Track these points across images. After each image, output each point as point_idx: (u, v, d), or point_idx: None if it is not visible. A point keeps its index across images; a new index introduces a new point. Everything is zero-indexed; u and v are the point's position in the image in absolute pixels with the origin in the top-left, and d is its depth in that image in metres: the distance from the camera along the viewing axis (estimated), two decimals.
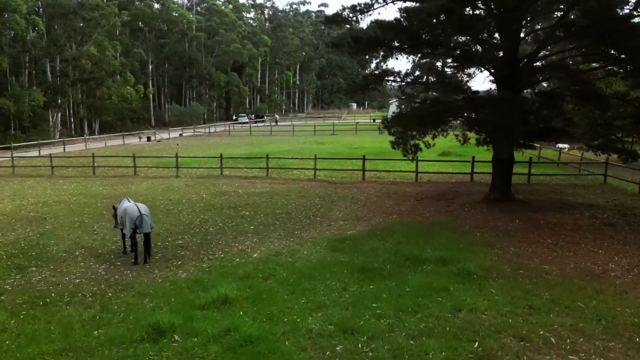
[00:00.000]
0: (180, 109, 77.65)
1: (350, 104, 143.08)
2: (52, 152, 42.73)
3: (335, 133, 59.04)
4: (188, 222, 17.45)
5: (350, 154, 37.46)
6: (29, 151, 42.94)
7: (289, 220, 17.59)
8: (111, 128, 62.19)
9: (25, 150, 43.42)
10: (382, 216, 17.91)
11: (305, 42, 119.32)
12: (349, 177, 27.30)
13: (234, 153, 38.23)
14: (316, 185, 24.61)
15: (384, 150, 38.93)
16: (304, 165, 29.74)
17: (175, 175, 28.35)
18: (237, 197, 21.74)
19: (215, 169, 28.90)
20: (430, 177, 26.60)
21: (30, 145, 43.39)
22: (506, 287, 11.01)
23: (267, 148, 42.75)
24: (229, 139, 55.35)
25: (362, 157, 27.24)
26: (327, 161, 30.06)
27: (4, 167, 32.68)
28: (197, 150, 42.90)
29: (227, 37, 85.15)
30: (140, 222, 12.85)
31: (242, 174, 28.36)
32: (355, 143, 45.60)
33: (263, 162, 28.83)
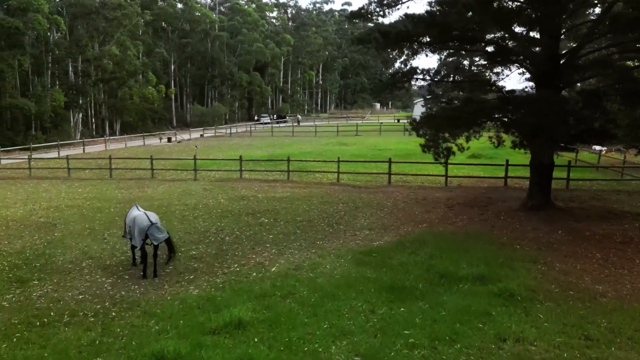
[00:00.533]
0: (202, 109, 77.15)
1: (374, 103, 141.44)
2: (71, 153, 42.39)
3: (358, 134, 57.76)
4: (203, 229, 16.42)
5: (374, 156, 36.16)
6: (48, 152, 42.64)
7: (311, 228, 16.44)
8: (132, 128, 61.88)
9: (45, 151, 43.11)
10: (411, 225, 16.64)
11: (328, 42, 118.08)
12: (374, 181, 26.04)
13: (254, 155, 37.23)
14: (339, 190, 23.42)
15: (410, 152, 37.60)
16: (326, 168, 28.58)
17: (193, 178, 27.44)
18: (256, 202, 20.67)
19: (235, 171, 27.92)
20: (461, 182, 25.19)
21: (49, 146, 43.07)
22: (556, 311, 9.71)
23: (289, 149, 41.70)
24: (250, 140, 54.49)
25: (387, 160, 25.92)
26: (350, 164, 28.86)
27: (22, 168, 32.21)
28: (217, 151, 42.06)
29: (249, 36, 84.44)
30: (155, 231, 11.85)
31: (262, 177, 27.32)
32: (379, 144, 44.27)
33: (284, 165, 27.73)
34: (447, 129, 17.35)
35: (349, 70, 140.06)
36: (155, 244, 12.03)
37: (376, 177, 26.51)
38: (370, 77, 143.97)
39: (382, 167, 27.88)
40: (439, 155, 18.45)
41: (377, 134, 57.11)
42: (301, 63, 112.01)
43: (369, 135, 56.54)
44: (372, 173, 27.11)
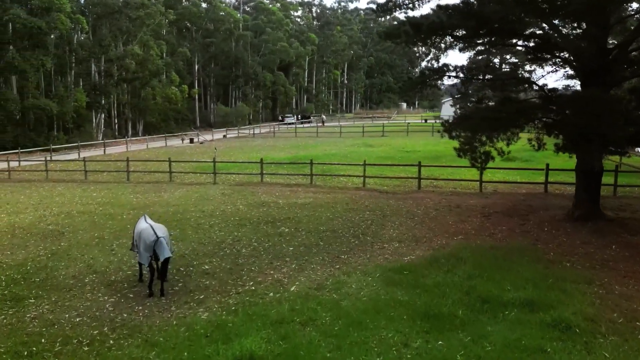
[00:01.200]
0: (226, 110, 76.43)
1: (400, 103, 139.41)
2: (92, 155, 41.92)
3: (385, 134, 56.19)
4: (219, 240, 15.22)
5: (402, 158, 34.65)
6: (69, 153, 42.16)
7: (335, 239, 15.11)
8: (155, 129, 61.36)
9: (66, 152, 42.68)
10: (445, 237, 15.18)
11: (353, 40, 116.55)
12: (403, 185, 24.57)
13: (276, 157, 36.10)
14: (365, 196, 22.03)
15: (439, 155, 36.00)
16: (351, 172, 27.21)
17: (212, 181, 26.37)
18: (276, 209, 19.43)
19: (255, 175, 26.72)
20: (496, 187, 23.55)
21: (70, 147, 42.54)
22: (623, 348, 8.24)
23: (312, 151, 40.45)
24: (273, 141, 53.41)
25: (417, 163, 24.40)
26: (377, 167, 27.39)
27: (39, 171, 31.57)
28: (239, 153, 41.02)
29: (273, 35, 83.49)
30: (158, 247, 10.67)
31: (284, 181, 26.05)
32: (407, 146, 42.70)
33: (307, 168, 26.46)
34: (485, 131, 15.80)
35: (375, 70, 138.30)
36: (160, 259, 10.87)
37: (405, 182, 25.04)
38: (396, 76, 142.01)
39: (411, 171, 26.43)
40: (476, 161, 16.92)
41: (404, 135, 55.46)
42: (326, 62, 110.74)
43: (396, 136, 54.93)
44: (401, 177, 25.65)
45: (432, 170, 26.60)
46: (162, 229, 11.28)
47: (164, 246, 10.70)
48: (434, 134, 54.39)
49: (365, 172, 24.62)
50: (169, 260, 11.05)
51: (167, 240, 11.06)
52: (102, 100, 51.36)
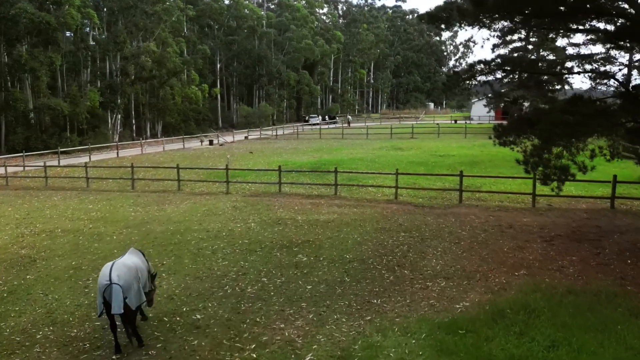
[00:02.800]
0: (248, 110, 73.81)
1: (427, 103, 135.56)
2: (104, 158, 39.63)
3: (414, 136, 52.80)
4: (220, 273, 12.34)
5: (435, 163, 31.39)
6: (80, 156, 39.91)
7: (364, 273, 12.10)
8: (175, 130, 59.09)
9: (78, 155, 40.45)
10: (503, 271, 12.03)
11: (380, 39, 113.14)
12: (441, 198, 21.36)
13: (298, 161, 33.17)
14: (398, 211, 18.92)
15: (476, 160, 32.62)
16: (381, 181, 24.13)
17: (225, 191, 23.54)
18: (294, 228, 16.47)
19: (273, 184, 23.79)
20: (550, 201, 20.18)
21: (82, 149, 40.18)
22: None
23: (337, 155, 37.43)
24: (296, 143, 50.52)
25: (458, 172, 21.16)
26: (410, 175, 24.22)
27: (39, 177, 29.13)
28: (259, 156, 38.22)
29: (298, 33, 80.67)
30: (109, 296, 7.86)
31: (305, 192, 23.05)
32: (439, 149, 39.34)
33: (331, 177, 23.47)
34: (559, 139, 12.56)
35: (401, 69, 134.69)
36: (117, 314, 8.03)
37: (442, 194, 21.83)
38: (423, 75, 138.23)
39: (450, 180, 23.27)
40: (548, 178, 13.60)
41: (434, 137, 51.98)
42: (352, 61, 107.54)
43: (426, 138, 51.50)
44: (438, 189, 22.43)
45: (474, 179, 23.35)
46: (125, 268, 8.37)
47: (117, 297, 7.83)
48: (467, 136, 51.06)
49: (398, 183, 21.46)
50: (129, 316, 8.22)
51: (134, 286, 8.19)
52: (117, 100, 49.12)
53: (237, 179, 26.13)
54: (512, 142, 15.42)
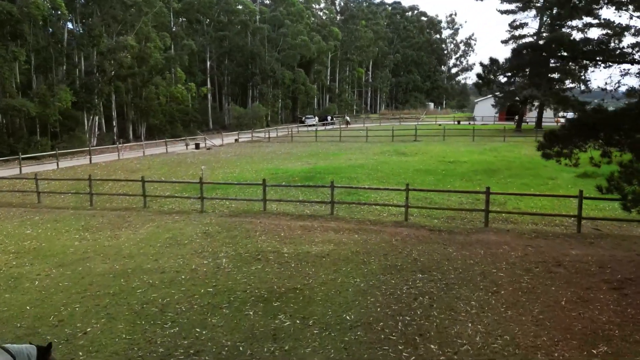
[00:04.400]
0: (240, 110, 69.61)
1: (427, 103, 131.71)
2: (73, 165, 35.68)
3: (417, 139, 48.90)
4: (163, 350, 8.45)
5: (446, 172, 27.57)
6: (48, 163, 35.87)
7: (372, 352, 8.25)
8: (160, 132, 55.06)
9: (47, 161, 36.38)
10: (573, 346, 8.26)
11: (379, 36, 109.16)
12: (459, 219, 17.52)
13: (290, 169, 29.29)
14: (411, 238, 15.05)
15: (492, 167, 28.77)
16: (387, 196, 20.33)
17: (199, 209, 19.64)
18: (277, 266, 12.57)
19: (257, 201, 19.86)
20: (597, 225, 16.38)
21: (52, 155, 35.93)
22: None
23: (334, 161, 33.58)
24: (290, 147, 46.61)
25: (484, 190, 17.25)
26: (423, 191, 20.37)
27: None
28: (247, 162, 34.30)
29: (293, 28, 76.58)
30: None
31: (295, 211, 19.11)
32: (447, 154, 35.50)
33: (326, 192, 19.64)
34: None
35: (401, 68, 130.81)
36: None
37: (461, 214, 18.00)
38: (423, 74, 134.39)
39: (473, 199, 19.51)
40: (634, 204, 9.76)
41: (439, 140, 48.05)
42: (350, 59, 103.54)
43: (431, 141, 47.61)
44: (457, 209, 18.58)
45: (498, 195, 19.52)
46: None
47: None
48: (475, 139, 47.22)
49: (408, 199, 17.59)
50: None
51: None
52: (95, 100, 44.97)
53: (217, 193, 22.28)
54: (566, 154, 11.65)
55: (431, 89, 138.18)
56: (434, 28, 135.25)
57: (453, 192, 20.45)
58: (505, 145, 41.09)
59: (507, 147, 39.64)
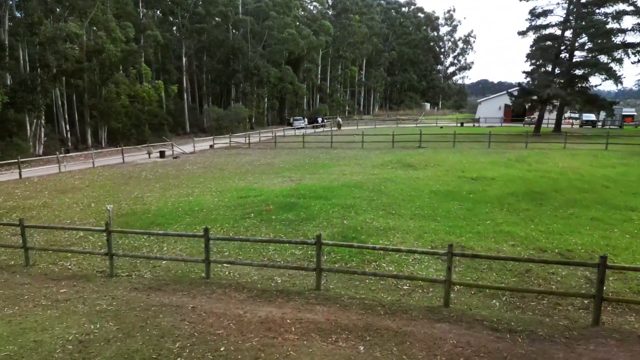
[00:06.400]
0: (219, 112, 61.80)
1: (423, 103, 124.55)
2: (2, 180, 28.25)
3: (422, 145, 41.69)
4: None
5: (474, 195, 20.45)
6: None
7: None
8: (124, 137, 47.48)
9: None
10: None
11: (373, 32, 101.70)
12: (535, 301, 10.34)
13: (265, 190, 21.96)
14: (464, 354, 7.86)
15: (533, 188, 21.53)
16: (408, 259, 13.16)
17: (109, 272, 12.35)
18: None
19: (197, 262, 12.45)
20: None
21: None
22: None
23: (325, 175, 26.34)
24: (273, 154, 39.27)
25: (596, 262, 10.11)
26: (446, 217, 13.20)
27: None
28: (212, 179, 26.90)
29: (280, 21, 68.98)
30: None
31: (258, 281, 11.73)
32: (466, 167, 28.35)
33: (308, 252, 12.48)
34: None
35: (396, 66, 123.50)
36: None
37: (530, 279, 10.83)
38: (419, 73, 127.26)
39: (528, 243, 12.33)
40: None
41: (448, 146, 40.84)
42: (342, 57, 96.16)
43: (438, 147, 40.40)
44: (537, 291, 11.34)
45: (576, 246, 12.39)
46: None
47: None
48: (491, 145, 40.16)
49: (451, 267, 10.34)
50: None
51: None
52: (38, 100, 37.32)
53: (138, 244, 14.98)
54: None
55: (427, 89, 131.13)
56: (431, 24, 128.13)
57: (529, 261, 11.39)
58: (532, 154, 34.01)
59: (536, 157, 32.55)
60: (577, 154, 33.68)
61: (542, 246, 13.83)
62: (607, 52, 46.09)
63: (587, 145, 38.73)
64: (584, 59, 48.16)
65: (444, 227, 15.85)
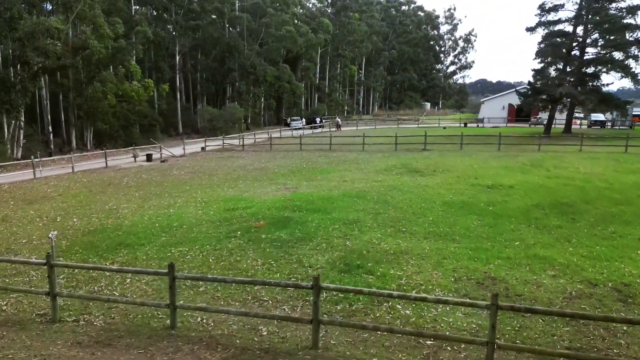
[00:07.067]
0: (213, 112, 59.02)
1: (423, 103, 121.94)
2: None
3: (427, 147, 39.15)
4: None
5: (493, 206, 17.95)
6: None
7: None
8: (111, 139, 44.89)
9: None
10: None
11: (373, 30, 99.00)
12: None
13: (256, 202, 19.31)
14: None
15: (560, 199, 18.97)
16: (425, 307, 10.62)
17: (50, 317, 9.78)
18: None
19: (161, 308, 9.81)
20: None
21: None
22: None
23: (323, 182, 23.80)
24: (267, 158, 36.69)
25: None
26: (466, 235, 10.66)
27: None
28: (199, 186, 24.32)
29: (277, 18, 66.28)
30: None
31: (235, 330, 9.13)
32: (478, 172, 25.83)
33: (299, 295, 9.93)
34: None
35: (396, 65, 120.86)
36: None
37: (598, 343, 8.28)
38: (419, 72, 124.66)
39: None
40: None
41: (455, 149, 38.26)
42: (341, 55, 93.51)
43: (444, 150, 37.84)
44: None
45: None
46: None
47: None
48: (501, 147, 37.62)
49: (497, 327, 7.81)
50: None
51: None
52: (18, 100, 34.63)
53: (97, 272, 12.37)
54: None
55: (427, 88, 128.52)
56: (431, 23, 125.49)
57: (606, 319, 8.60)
58: (547, 158, 31.49)
59: (552, 161, 30.03)
60: (596, 158, 31.15)
61: (590, 278, 11.29)
62: (622, 49, 43.58)
63: (604, 148, 36.15)
64: (598, 56, 45.62)
65: (465, 251, 13.32)
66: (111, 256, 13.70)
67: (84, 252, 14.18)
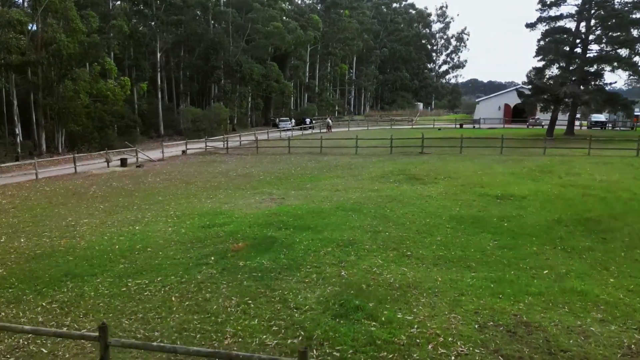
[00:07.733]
0: (196, 112, 56.27)
1: (416, 103, 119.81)
2: None
3: (424, 151, 36.74)
4: None
5: (508, 222, 15.54)
6: None
7: None
8: (85, 141, 42.07)
9: None
10: None
11: (365, 27, 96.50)
12: None
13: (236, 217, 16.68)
14: None
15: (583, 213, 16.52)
16: None
17: None
18: None
19: None
20: None
21: None
22: None
23: (313, 192, 21.28)
24: (253, 162, 34.09)
25: None
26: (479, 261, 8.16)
27: None
28: (173, 197, 21.70)
29: (264, 13, 63.57)
30: None
31: None
32: (484, 180, 23.43)
33: None
34: None
35: (387, 64, 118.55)
36: None
37: None
38: (411, 71, 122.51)
39: None
40: None
41: (454, 152, 35.87)
42: (332, 54, 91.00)
43: (443, 154, 35.42)
44: None
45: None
46: None
47: None
48: (503, 151, 35.28)
49: None
50: None
51: None
52: None
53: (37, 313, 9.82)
54: None
55: (419, 88, 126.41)
56: (423, 21, 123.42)
57: None
58: (555, 162, 29.21)
59: (561, 166, 27.73)
60: (608, 162, 28.87)
61: None
62: (629, 46, 41.46)
63: (613, 151, 33.87)
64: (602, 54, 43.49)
65: (485, 283, 10.86)
66: (51, 292, 11.08)
67: (20, 286, 11.54)
